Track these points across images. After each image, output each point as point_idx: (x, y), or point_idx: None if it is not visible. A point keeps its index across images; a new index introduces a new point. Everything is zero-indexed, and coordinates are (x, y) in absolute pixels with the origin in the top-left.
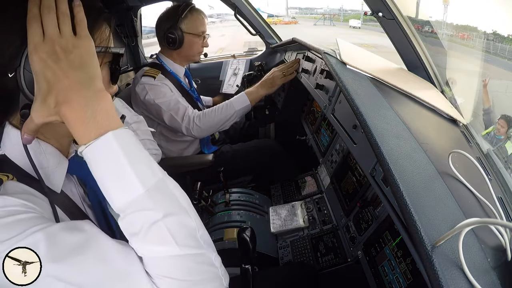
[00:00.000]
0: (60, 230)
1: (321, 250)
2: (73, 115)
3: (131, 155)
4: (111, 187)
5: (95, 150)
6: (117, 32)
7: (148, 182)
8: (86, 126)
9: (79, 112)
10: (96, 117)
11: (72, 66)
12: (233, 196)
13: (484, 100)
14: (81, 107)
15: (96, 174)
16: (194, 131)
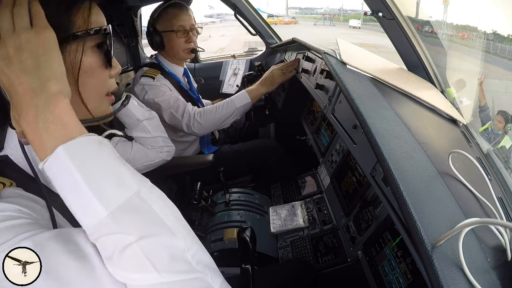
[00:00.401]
0: (48, 239)
1: (321, 250)
2: (28, 128)
3: (89, 171)
4: (74, 209)
5: (51, 168)
6: (117, 32)
7: (113, 203)
8: (40, 140)
9: (32, 124)
10: (49, 127)
11: (24, 69)
12: (233, 196)
13: (480, 97)
14: (33, 119)
15: (60, 193)
16: (195, 128)
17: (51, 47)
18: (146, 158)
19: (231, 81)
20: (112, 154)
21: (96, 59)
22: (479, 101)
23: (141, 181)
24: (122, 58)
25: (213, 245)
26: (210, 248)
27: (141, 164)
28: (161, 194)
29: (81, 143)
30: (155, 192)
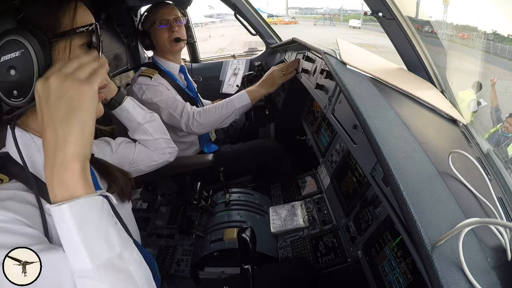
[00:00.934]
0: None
1: (321, 250)
2: (46, 167)
3: (85, 230)
4: (66, 251)
5: (55, 214)
6: (117, 32)
7: (98, 259)
8: (52, 186)
9: (48, 170)
10: (61, 184)
11: (55, 116)
12: (233, 196)
13: (492, 98)
14: (49, 169)
15: (58, 234)
16: (194, 127)
17: (86, 104)
18: (149, 159)
19: (231, 81)
20: (108, 216)
21: (83, 55)
22: (491, 102)
23: (125, 243)
24: (122, 58)
25: (213, 245)
26: (210, 248)
27: (144, 164)
28: (139, 257)
29: (83, 205)
30: (134, 255)
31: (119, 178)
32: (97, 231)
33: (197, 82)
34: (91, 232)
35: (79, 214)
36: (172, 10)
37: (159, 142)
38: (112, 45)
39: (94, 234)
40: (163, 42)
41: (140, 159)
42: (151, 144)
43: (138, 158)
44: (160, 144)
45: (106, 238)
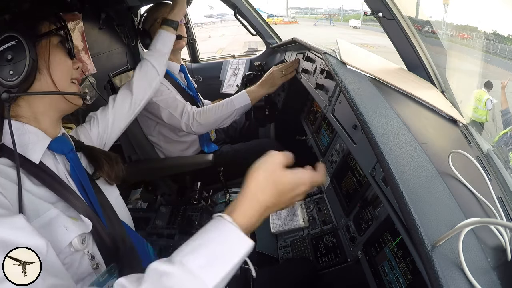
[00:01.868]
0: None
1: (321, 250)
2: (247, 203)
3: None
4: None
5: (219, 220)
6: (117, 32)
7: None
8: (244, 214)
9: (248, 204)
10: (252, 224)
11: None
12: (233, 196)
13: (502, 101)
14: (254, 211)
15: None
16: (194, 127)
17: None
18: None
19: (231, 81)
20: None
21: (61, 53)
22: (501, 105)
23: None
24: (122, 57)
25: None
26: None
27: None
28: None
29: (238, 239)
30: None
31: (105, 163)
32: (223, 263)
33: (197, 82)
34: (223, 256)
35: (233, 241)
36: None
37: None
38: (112, 45)
39: (222, 259)
40: None
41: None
42: (156, 60)
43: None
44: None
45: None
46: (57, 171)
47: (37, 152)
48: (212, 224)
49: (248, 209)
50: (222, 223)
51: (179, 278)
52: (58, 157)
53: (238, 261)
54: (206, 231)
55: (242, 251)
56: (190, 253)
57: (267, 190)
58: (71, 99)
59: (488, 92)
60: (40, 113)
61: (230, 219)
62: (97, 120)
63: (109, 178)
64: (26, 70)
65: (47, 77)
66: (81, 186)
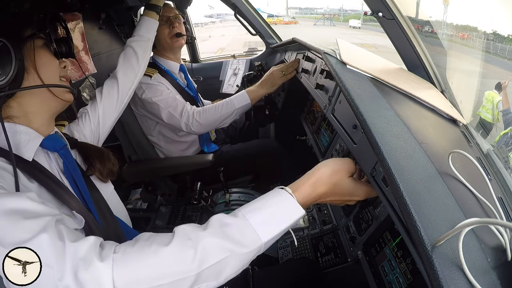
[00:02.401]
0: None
1: (321, 250)
2: (307, 188)
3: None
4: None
5: (283, 193)
6: (117, 32)
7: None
8: (305, 193)
9: (308, 189)
10: (308, 201)
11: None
12: (233, 196)
13: (503, 101)
14: (310, 196)
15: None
16: (194, 127)
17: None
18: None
19: (231, 81)
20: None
21: (46, 54)
22: (502, 105)
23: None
24: None
25: None
26: None
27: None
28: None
29: (293, 207)
30: None
31: (96, 160)
32: (278, 224)
33: (197, 82)
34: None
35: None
36: (171, 8)
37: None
38: (112, 45)
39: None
40: (164, 39)
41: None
42: (140, 47)
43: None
44: (147, 47)
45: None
46: (50, 168)
47: (29, 150)
48: (274, 192)
49: (306, 191)
50: (283, 192)
51: (239, 229)
52: (51, 155)
53: (290, 225)
54: (269, 196)
55: (295, 217)
56: (252, 211)
57: (327, 186)
58: (60, 94)
59: (499, 94)
60: (31, 113)
61: (290, 191)
62: (88, 115)
63: (101, 175)
64: (13, 68)
65: (35, 76)
66: (74, 183)
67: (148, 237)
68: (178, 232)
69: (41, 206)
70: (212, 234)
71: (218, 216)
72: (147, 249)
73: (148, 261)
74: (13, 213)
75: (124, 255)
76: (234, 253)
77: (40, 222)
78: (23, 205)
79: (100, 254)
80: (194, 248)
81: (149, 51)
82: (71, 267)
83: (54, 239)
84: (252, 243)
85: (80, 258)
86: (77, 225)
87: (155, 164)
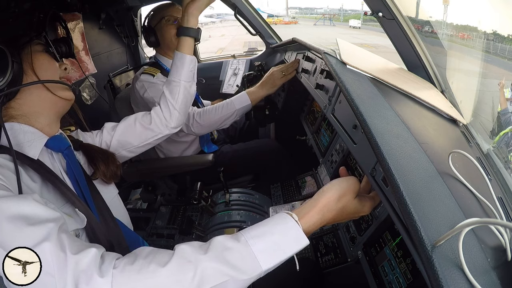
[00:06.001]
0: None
1: (321, 250)
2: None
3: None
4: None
5: (286, 216)
6: (117, 32)
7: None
8: (309, 217)
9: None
10: (312, 226)
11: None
12: (233, 196)
13: (501, 101)
14: (320, 219)
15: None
16: (194, 128)
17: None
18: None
19: (231, 81)
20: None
21: (45, 57)
22: (500, 105)
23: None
24: (121, 57)
25: None
26: None
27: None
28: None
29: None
30: None
31: (100, 161)
32: (280, 253)
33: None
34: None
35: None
36: (179, 9)
37: (175, 113)
38: (112, 45)
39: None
40: (169, 38)
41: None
42: (166, 107)
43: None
44: (174, 115)
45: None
46: (53, 168)
47: (34, 149)
48: (279, 218)
49: (312, 219)
50: (289, 220)
51: (241, 255)
52: (55, 155)
53: (291, 254)
54: (273, 222)
55: (299, 247)
56: (255, 237)
57: (334, 211)
58: (59, 92)
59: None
60: (34, 113)
61: (297, 218)
62: (102, 133)
63: (105, 177)
64: (10, 71)
65: (33, 78)
66: (77, 184)
67: (147, 254)
68: (178, 252)
69: (46, 210)
70: (212, 258)
71: (221, 239)
72: (146, 269)
73: (147, 281)
74: (17, 218)
75: (123, 272)
76: (233, 279)
77: (43, 229)
78: (28, 209)
79: (100, 268)
80: (194, 271)
81: (180, 95)
82: (72, 279)
83: (57, 249)
84: (252, 270)
85: (81, 271)
86: (79, 225)
87: (155, 164)
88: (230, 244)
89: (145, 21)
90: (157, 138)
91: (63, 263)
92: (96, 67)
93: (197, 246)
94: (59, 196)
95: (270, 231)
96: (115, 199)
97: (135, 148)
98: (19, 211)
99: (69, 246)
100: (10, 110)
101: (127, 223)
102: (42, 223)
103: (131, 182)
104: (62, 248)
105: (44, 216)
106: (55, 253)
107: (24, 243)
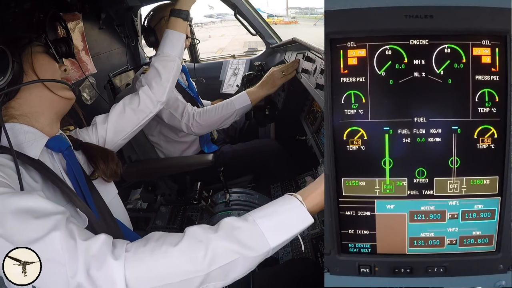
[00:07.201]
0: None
1: (321, 250)
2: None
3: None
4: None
5: (294, 201)
6: (117, 32)
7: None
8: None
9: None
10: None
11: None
12: (233, 196)
13: None
14: (315, 205)
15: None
16: (194, 128)
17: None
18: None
19: (231, 81)
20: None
21: (45, 58)
22: None
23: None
24: (122, 57)
25: None
26: None
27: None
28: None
29: (300, 215)
30: None
31: (100, 160)
32: (287, 231)
33: (199, 83)
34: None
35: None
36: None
37: (167, 88)
38: (112, 45)
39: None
40: None
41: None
42: (158, 83)
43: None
44: (166, 90)
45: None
46: (53, 168)
47: (34, 149)
48: (284, 199)
49: (316, 200)
50: (294, 200)
51: (249, 233)
52: (55, 155)
53: (298, 232)
54: (279, 203)
55: (304, 225)
56: (263, 217)
57: None
58: (59, 92)
59: None
60: (35, 113)
61: (301, 198)
62: (96, 126)
63: (105, 175)
64: (11, 69)
65: (34, 77)
66: (77, 184)
67: (159, 237)
68: (188, 233)
69: (51, 204)
70: (223, 237)
71: (229, 220)
72: (158, 250)
73: (160, 261)
74: (24, 212)
75: (135, 254)
76: (243, 256)
77: (51, 220)
78: (34, 203)
79: (113, 252)
80: (205, 250)
81: (174, 71)
82: (84, 265)
83: (66, 237)
84: (260, 248)
85: (92, 256)
86: (81, 225)
87: (155, 164)
88: (239, 224)
89: (144, 21)
90: (148, 118)
91: (73, 250)
92: (96, 67)
93: (207, 227)
94: (60, 196)
95: (276, 211)
96: (115, 199)
97: (129, 134)
98: (24, 206)
99: (78, 234)
100: (10, 110)
101: (127, 223)
102: (49, 215)
103: (131, 182)
104: (71, 235)
105: (50, 209)
106: (65, 240)
107: (33, 234)
